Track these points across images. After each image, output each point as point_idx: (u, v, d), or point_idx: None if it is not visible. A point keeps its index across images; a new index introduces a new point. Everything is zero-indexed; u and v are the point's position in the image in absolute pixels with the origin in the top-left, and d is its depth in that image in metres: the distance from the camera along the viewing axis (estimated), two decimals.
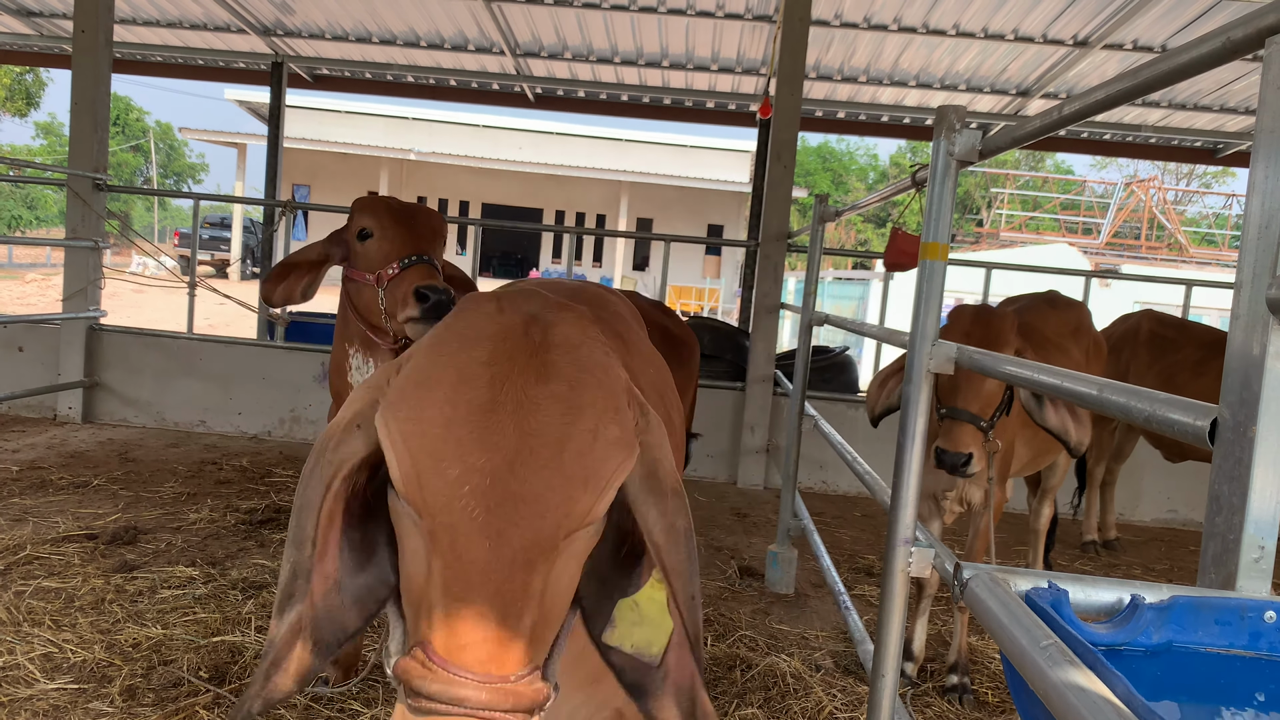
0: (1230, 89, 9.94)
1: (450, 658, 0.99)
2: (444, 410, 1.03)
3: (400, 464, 1.04)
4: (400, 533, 1.09)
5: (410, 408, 1.05)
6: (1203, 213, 39.35)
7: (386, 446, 1.06)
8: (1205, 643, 1.18)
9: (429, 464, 1.01)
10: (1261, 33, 1.27)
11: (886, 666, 2.43)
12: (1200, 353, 5.92)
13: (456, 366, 1.07)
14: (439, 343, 1.11)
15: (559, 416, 1.05)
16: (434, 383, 1.06)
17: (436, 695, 0.97)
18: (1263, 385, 1.22)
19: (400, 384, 1.09)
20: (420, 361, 1.10)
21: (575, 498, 1.04)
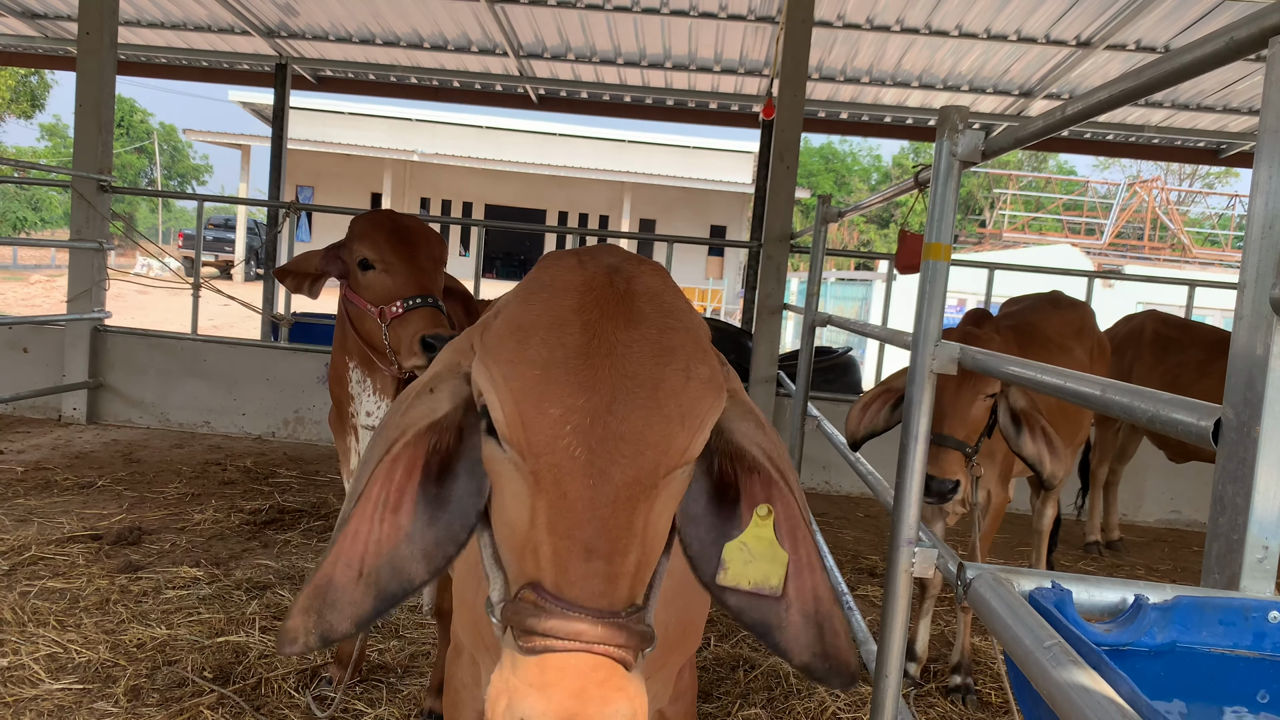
0: (1233, 89, 9.93)
1: (562, 594, 1.00)
2: (542, 353, 1.07)
3: (503, 407, 1.07)
4: (499, 480, 1.11)
5: (509, 352, 1.08)
6: (1206, 213, 39.31)
7: (488, 391, 1.09)
8: (1209, 643, 1.18)
9: (531, 406, 1.05)
10: (1265, 33, 1.27)
11: (890, 667, 2.43)
12: (1204, 353, 5.91)
13: (550, 314, 1.10)
14: (528, 295, 1.15)
15: (651, 359, 1.08)
16: (530, 329, 1.09)
17: (553, 631, 0.98)
18: (1266, 385, 1.22)
19: (496, 333, 1.12)
20: (512, 312, 1.13)
21: (673, 435, 1.07)
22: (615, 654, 1.00)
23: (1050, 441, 3.34)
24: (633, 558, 1.04)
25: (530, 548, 1.04)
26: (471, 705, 1.74)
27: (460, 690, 1.75)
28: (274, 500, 5.78)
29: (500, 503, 1.11)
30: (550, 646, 0.98)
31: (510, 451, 1.07)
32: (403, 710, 3.38)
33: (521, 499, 1.06)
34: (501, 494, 1.10)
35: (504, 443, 1.08)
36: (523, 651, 1.00)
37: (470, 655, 1.69)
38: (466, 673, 1.72)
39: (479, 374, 1.12)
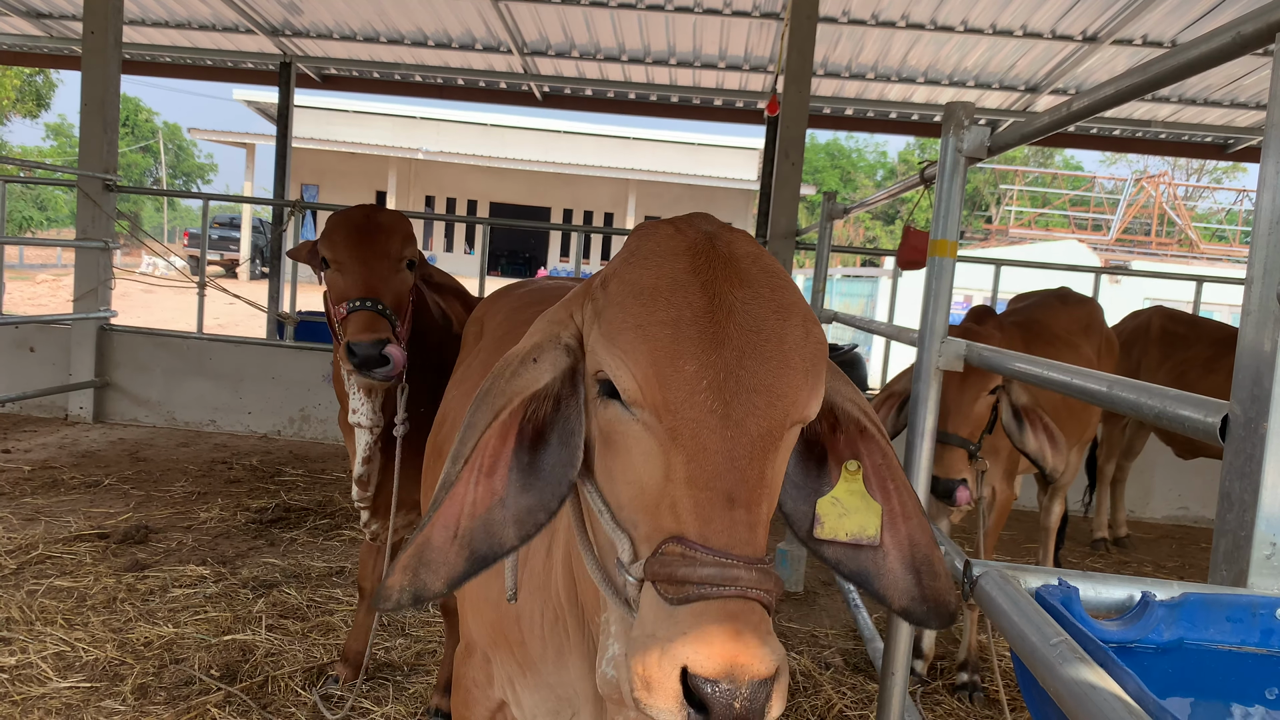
0: (1241, 84, 9.89)
1: (710, 543, 1.02)
2: (670, 313, 1.10)
3: (635, 369, 1.09)
4: (623, 442, 1.12)
5: (635, 315, 1.11)
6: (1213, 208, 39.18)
7: (615, 355, 1.11)
8: (1216, 640, 1.17)
9: (667, 364, 1.07)
10: (1271, 27, 1.26)
11: (896, 664, 2.42)
12: (1211, 349, 5.89)
13: (667, 277, 1.14)
14: (637, 261, 1.17)
15: (772, 315, 1.13)
16: (652, 292, 1.12)
17: (709, 579, 1.00)
18: (1274, 381, 1.22)
19: (616, 298, 1.15)
20: (627, 277, 1.16)
21: (799, 386, 1.11)
22: (764, 599, 1.02)
23: (1052, 436, 3.34)
24: (765, 508, 1.08)
25: (667, 503, 1.06)
26: (483, 704, 1.74)
27: (472, 689, 1.75)
28: (280, 499, 5.79)
29: (625, 464, 1.12)
30: (705, 594, 1.00)
31: (643, 412, 1.09)
32: (409, 708, 3.38)
33: (653, 457, 1.08)
34: (627, 455, 1.11)
35: (633, 404, 1.10)
36: (673, 602, 1.01)
37: (483, 654, 1.69)
38: (479, 672, 1.72)
39: (600, 340, 1.13)
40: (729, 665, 0.97)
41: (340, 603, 4.26)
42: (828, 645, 4.30)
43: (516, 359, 1.20)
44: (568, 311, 1.25)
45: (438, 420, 2.26)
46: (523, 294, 2.52)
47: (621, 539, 1.11)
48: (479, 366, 2.18)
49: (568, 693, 1.55)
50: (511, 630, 1.54)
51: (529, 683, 1.58)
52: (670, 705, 0.99)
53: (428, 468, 2.26)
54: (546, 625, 1.50)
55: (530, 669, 1.56)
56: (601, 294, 1.18)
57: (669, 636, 1.00)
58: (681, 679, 0.98)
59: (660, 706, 1.00)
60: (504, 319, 2.35)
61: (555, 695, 1.57)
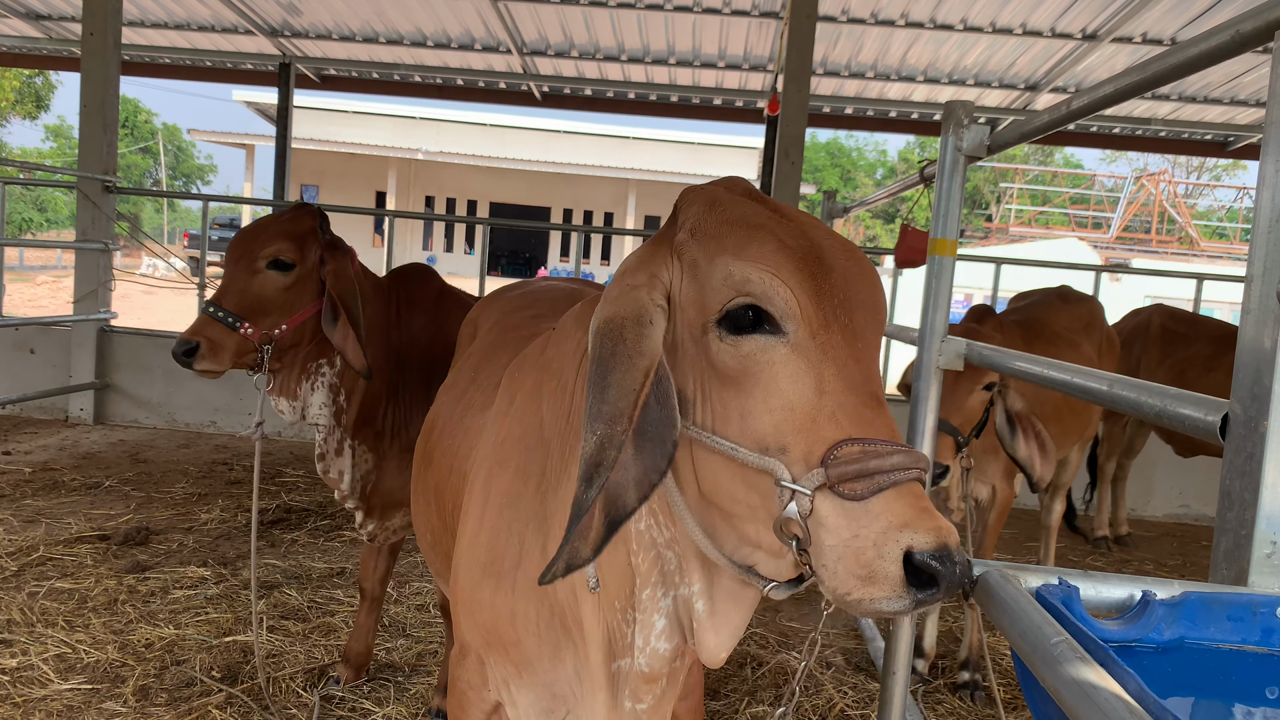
0: (1240, 81, 9.88)
1: (878, 437, 1.10)
2: (790, 242, 1.20)
3: (794, 285, 1.16)
4: (764, 372, 1.16)
5: (775, 240, 1.19)
6: (1213, 206, 39.14)
7: (770, 277, 1.16)
8: (1217, 639, 1.17)
9: (810, 284, 1.17)
10: (1271, 25, 1.26)
11: (898, 663, 2.42)
12: (1211, 348, 5.89)
13: (765, 213, 1.25)
14: (721, 208, 1.27)
15: (847, 248, 1.25)
16: (768, 223, 1.22)
17: (899, 465, 1.08)
18: (1274, 380, 1.22)
19: (738, 236, 1.21)
20: (726, 217, 1.24)
21: (885, 305, 1.25)
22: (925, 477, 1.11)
23: (1043, 445, 3.33)
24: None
25: (826, 414, 1.12)
26: (479, 705, 1.74)
27: (467, 691, 1.75)
28: (281, 500, 5.79)
29: (768, 392, 1.16)
30: (895, 481, 1.07)
31: (796, 328, 1.15)
32: (410, 709, 3.38)
33: (803, 376, 1.14)
34: (771, 382, 1.15)
35: (786, 319, 1.15)
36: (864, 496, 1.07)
37: (477, 656, 1.69)
38: (473, 674, 1.72)
39: (749, 268, 1.17)
40: (944, 536, 1.05)
41: (341, 604, 4.26)
42: (829, 645, 4.30)
43: (630, 321, 1.21)
44: (648, 273, 1.26)
45: (427, 425, 2.24)
46: (515, 297, 2.50)
47: (774, 464, 1.13)
48: (469, 370, 2.16)
49: (563, 690, 1.56)
50: (506, 630, 1.54)
51: (524, 682, 1.58)
52: (898, 590, 1.04)
53: (418, 474, 2.25)
54: (543, 623, 1.50)
55: (526, 668, 1.56)
56: (698, 244, 1.23)
57: (880, 528, 1.05)
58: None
59: (887, 595, 1.05)
60: (495, 323, 2.33)
61: (550, 694, 1.57)
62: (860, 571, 1.05)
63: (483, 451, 1.71)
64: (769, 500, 1.15)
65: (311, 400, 3.15)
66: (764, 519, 1.17)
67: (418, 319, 3.39)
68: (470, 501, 1.68)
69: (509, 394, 1.72)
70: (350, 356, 2.98)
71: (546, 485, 1.51)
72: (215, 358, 2.90)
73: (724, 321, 1.18)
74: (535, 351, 1.73)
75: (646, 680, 1.43)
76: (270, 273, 3.01)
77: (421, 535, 2.23)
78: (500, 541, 1.55)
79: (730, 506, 1.21)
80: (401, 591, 4.48)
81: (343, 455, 3.20)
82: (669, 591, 1.36)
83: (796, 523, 1.11)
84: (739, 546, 1.24)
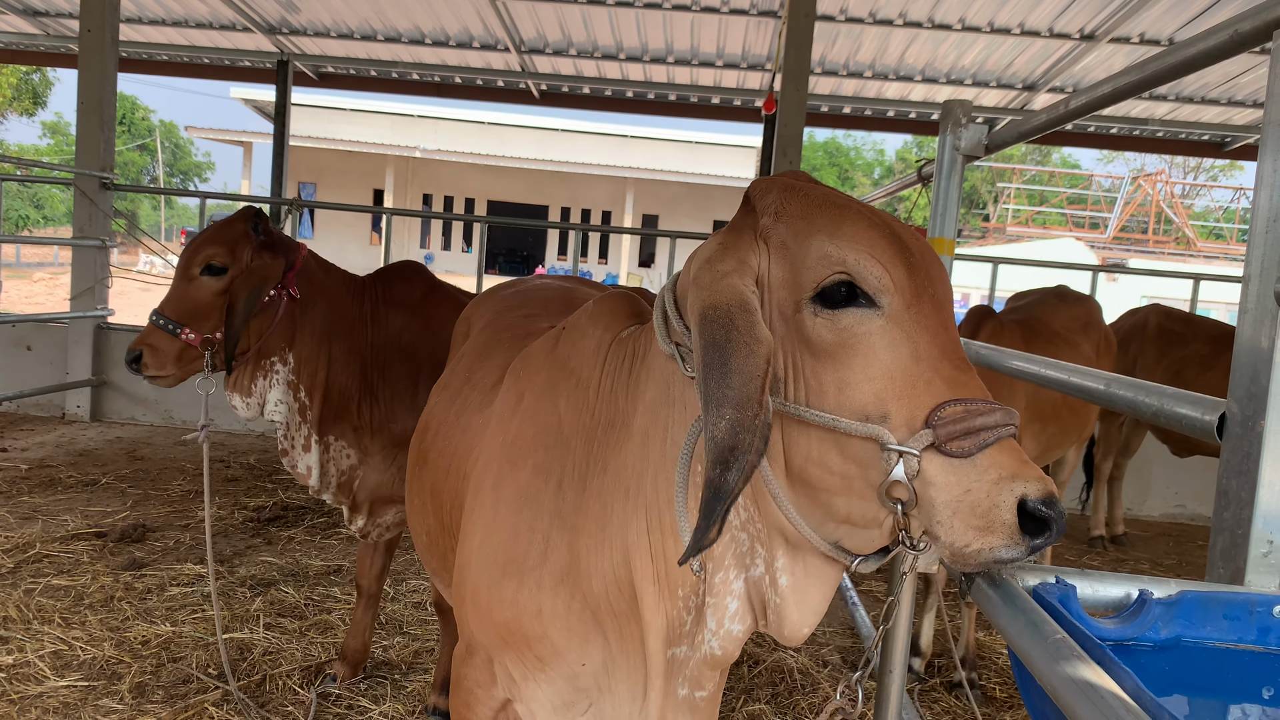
0: (1238, 82, 9.90)
1: (975, 397, 1.17)
2: (876, 219, 1.28)
3: (888, 262, 1.23)
4: (862, 343, 1.22)
5: (866, 221, 1.26)
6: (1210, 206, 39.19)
7: (867, 255, 1.22)
8: (1213, 638, 1.17)
9: (902, 258, 1.24)
10: (1269, 25, 1.26)
11: (894, 662, 2.43)
12: (1208, 347, 5.90)
13: (843, 197, 1.33)
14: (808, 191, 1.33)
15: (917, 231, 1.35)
16: (847, 208, 1.29)
17: (1000, 422, 1.14)
18: (1271, 379, 1.22)
19: (829, 217, 1.27)
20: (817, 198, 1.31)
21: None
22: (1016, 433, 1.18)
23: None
24: None
25: (924, 380, 1.18)
26: (486, 704, 1.73)
27: (475, 689, 1.74)
28: (277, 497, 5.78)
29: (866, 362, 1.21)
30: (999, 436, 1.14)
31: (891, 299, 1.21)
32: (407, 706, 3.38)
33: (899, 344, 1.20)
34: (870, 353, 1.21)
35: (881, 293, 1.21)
36: (971, 454, 1.13)
37: (486, 655, 1.68)
38: (481, 672, 1.71)
39: (844, 246, 1.23)
40: (1049, 485, 1.11)
41: (338, 601, 4.26)
42: (825, 643, 4.31)
43: (736, 307, 1.23)
44: (736, 259, 1.29)
45: (421, 426, 2.23)
46: (507, 296, 2.49)
47: (878, 430, 1.18)
48: (463, 371, 2.16)
49: (587, 683, 1.56)
50: (531, 626, 1.53)
51: (545, 676, 1.58)
52: (1015, 537, 1.10)
53: (413, 474, 2.24)
54: (573, 616, 1.51)
55: (550, 662, 1.56)
56: (784, 226, 1.29)
57: (991, 480, 1.12)
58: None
59: (1004, 543, 1.10)
60: (488, 323, 2.32)
61: (573, 687, 1.57)
62: (977, 523, 1.11)
63: (489, 451, 1.71)
64: (868, 469, 1.19)
65: (269, 397, 3.23)
66: (859, 490, 1.21)
67: (399, 317, 3.40)
68: (478, 502, 1.67)
69: (515, 393, 1.71)
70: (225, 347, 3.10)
71: (571, 482, 1.52)
72: (159, 364, 3.08)
73: (818, 298, 1.23)
74: (542, 350, 1.73)
75: (712, 665, 1.46)
76: (204, 278, 3.11)
77: (416, 535, 2.22)
78: (521, 540, 1.55)
79: (822, 481, 1.24)
80: (399, 589, 4.48)
81: (310, 451, 3.26)
82: (741, 573, 1.37)
83: (903, 485, 1.15)
84: (824, 522, 1.27)
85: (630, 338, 1.56)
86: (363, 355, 3.32)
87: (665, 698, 1.48)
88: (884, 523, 1.22)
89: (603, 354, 1.54)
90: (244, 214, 3.23)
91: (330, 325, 3.26)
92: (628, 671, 1.52)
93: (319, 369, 3.23)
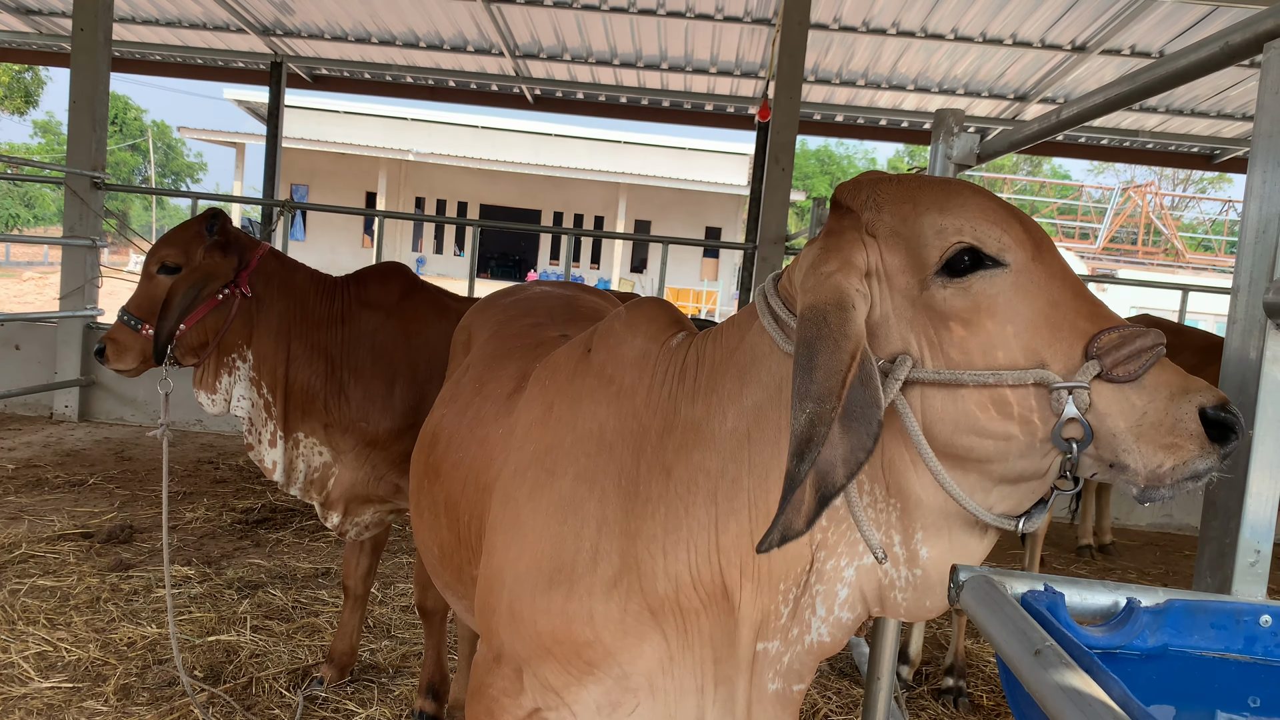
0: (1227, 95, 9.96)
1: (1117, 324, 1.22)
2: (976, 188, 1.32)
3: (1011, 227, 1.27)
4: (999, 302, 1.25)
5: (959, 199, 1.30)
6: (1199, 218, 39.42)
7: (989, 224, 1.27)
8: (1201, 647, 1.18)
9: (1013, 220, 1.28)
10: (1260, 38, 1.27)
11: (882, 669, 2.43)
12: (1196, 358, 5.91)
13: (935, 177, 1.38)
14: (899, 179, 1.36)
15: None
16: (948, 183, 1.34)
17: (1155, 341, 1.19)
18: (1259, 389, 1.23)
19: (940, 198, 1.31)
20: (907, 185, 1.34)
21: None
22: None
23: None
24: None
25: (1068, 320, 1.23)
26: (513, 712, 1.69)
27: (500, 698, 1.70)
28: (266, 499, 5.76)
29: (1008, 317, 1.25)
30: (1158, 354, 1.19)
31: (1019, 255, 1.26)
32: (394, 710, 3.37)
33: (1034, 295, 1.25)
34: (1009, 309, 1.25)
35: (1006, 252, 1.26)
36: (1135, 377, 1.18)
37: (516, 666, 1.65)
38: (509, 682, 1.68)
39: (965, 219, 1.27)
40: (1218, 392, 1.15)
41: (326, 604, 4.24)
42: None
43: (832, 308, 1.25)
44: (842, 259, 1.31)
45: (428, 438, 2.19)
46: (509, 305, 2.45)
47: (1043, 373, 1.22)
48: (471, 382, 2.13)
49: (638, 683, 1.55)
50: (582, 631, 1.52)
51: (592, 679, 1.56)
52: (1206, 446, 1.13)
53: (420, 488, 2.20)
54: (630, 617, 1.51)
55: (601, 664, 1.54)
56: (890, 214, 1.32)
57: (1166, 396, 1.16)
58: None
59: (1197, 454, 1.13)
60: (492, 334, 2.29)
61: (623, 687, 1.55)
62: (1165, 440, 1.13)
63: (519, 461, 1.69)
64: (1030, 420, 1.22)
65: (233, 393, 3.30)
66: (1018, 447, 1.24)
67: (373, 317, 3.42)
68: (510, 513, 1.65)
69: (542, 402, 1.70)
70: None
71: (619, 487, 1.52)
72: (120, 357, 3.24)
73: (944, 270, 1.26)
74: (569, 359, 1.72)
75: (819, 654, 1.47)
76: (160, 277, 3.26)
77: (426, 549, 2.18)
78: (567, 548, 1.54)
79: (976, 448, 1.26)
80: (387, 593, 4.47)
81: (275, 446, 3.30)
82: (853, 560, 1.39)
83: (1077, 422, 1.18)
84: (975, 492, 1.30)
85: (682, 346, 1.58)
86: (329, 354, 3.35)
87: (755, 691, 1.49)
88: (1047, 472, 1.26)
89: (650, 362, 1.56)
90: (203, 215, 3.33)
91: (290, 323, 3.32)
92: (691, 666, 1.53)
93: (278, 365, 3.29)
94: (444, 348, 3.22)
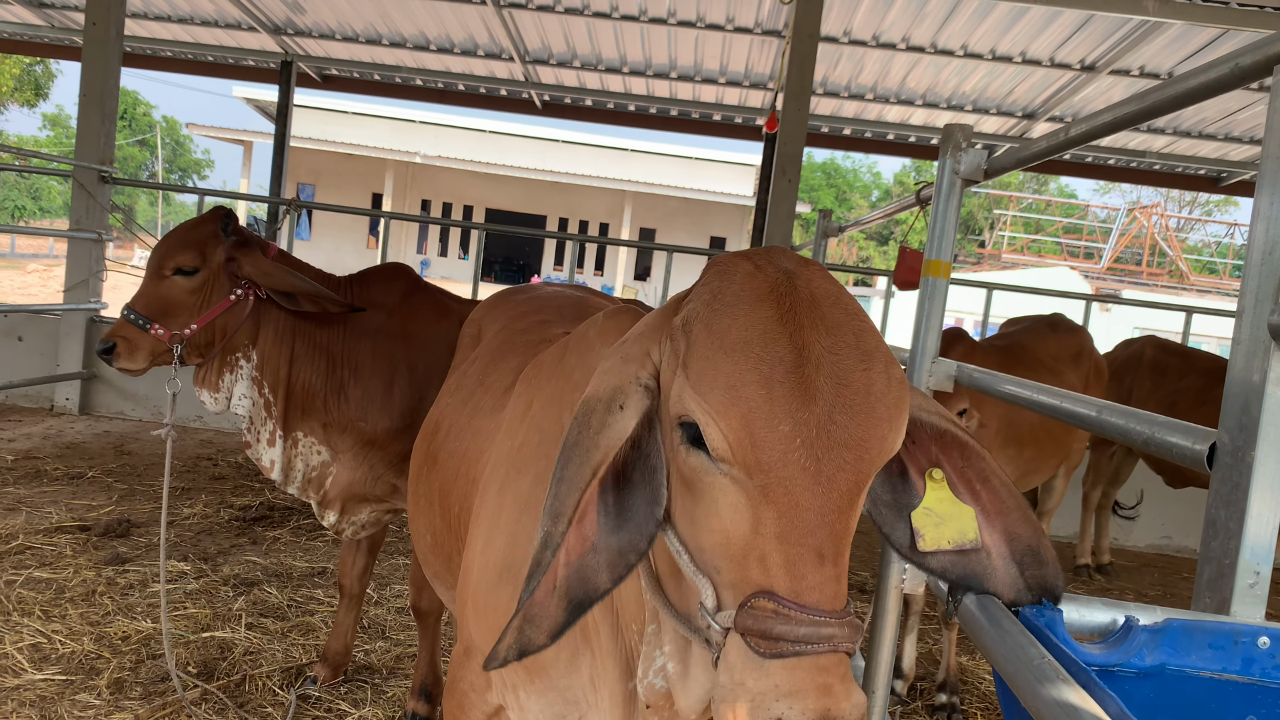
0: (1235, 118, 9.97)
1: (803, 600, 1.02)
2: (763, 372, 1.07)
3: (728, 429, 1.06)
4: (708, 492, 1.10)
5: (727, 375, 1.08)
6: (1204, 241, 39.43)
7: (706, 413, 1.08)
8: (1198, 666, 1.18)
9: (763, 424, 1.05)
10: (1270, 60, 1.27)
11: (876, 683, 2.42)
12: (1203, 380, 5.92)
13: (756, 328, 1.11)
14: (721, 308, 1.14)
15: (857, 365, 1.11)
16: (741, 347, 1.09)
17: (805, 638, 1.01)
18: (1263, 410, 1.23)
19: (703, 354, 1.11)
20: (712, 326, 1.13)
21: (885, 436, 1.10)
22: (851, 650, 1.04)
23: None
24: (846, 557, 1.09)
25: (756, 556, 1.05)
26: (480, 708, 1.72)
27: (469, 693, 1.74)
28: (264, 497, 5.76)
29: (708, 512, 1.11)
30: (801, 651, 1.01)
31: (731, 468, 1.08)
32: (387, 711, 3.36)
33: (741, 510, 1.07)
34: (711, 504, 1.10)
35: (722, 460, 1.08)
36: (766, 656, 1.01)
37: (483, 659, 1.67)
38: (478, 676, 1.71)
39: (688, 393, 1.11)
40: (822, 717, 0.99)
41: (321, 603, 4.24)
42: None
43: (601, 406, 1.17)
44: (643, 349, 1.22)
45: (430, 427, 2.24)
46: (521, 301, 2.49)
47: (704, 584, 1.11)
48: (475, 374, 2.17)
49: (576, 695, 1.55)
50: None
51: (535, 687, 1.57)
52: None
53: (419, 475, 2.23)
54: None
55: (540, 674, 1.55)
56: (683, 338, 1.16)
57: (761, 690, 1.01)
58: None
59: None
60: (501, 328, 2.32)
61: (563, 699, 1.56)
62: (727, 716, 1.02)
63: (497, 456, 1.71)
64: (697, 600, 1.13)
65: (235, 392, 3.30)
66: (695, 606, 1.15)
67: (375, 317, 3.44)
68: (484, 506, 1.67)
69: (525, 399, 1.71)
70: (333, 308, 3.28)
71: None
72: (130, 357, 3.19)
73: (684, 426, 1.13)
74: (552, 358, 1.73)
75: (651, 710, 1.41)
76: (175, 279, 3.23)
77: (420, 536, 2.21)
78: (519, 546, 1.54)
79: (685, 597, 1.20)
80: (382, 594, 4.46)
81: (274, 445, 3.31)
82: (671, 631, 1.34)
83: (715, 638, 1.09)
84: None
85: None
86: (330, 352, 3.36)
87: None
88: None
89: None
90: (213, 214, 3.33)
91: (294, 322, 3.33)
92: (609, 689, 1.49)
93: (281, 365, 3.30)
94: (445, 349, 3.24)
